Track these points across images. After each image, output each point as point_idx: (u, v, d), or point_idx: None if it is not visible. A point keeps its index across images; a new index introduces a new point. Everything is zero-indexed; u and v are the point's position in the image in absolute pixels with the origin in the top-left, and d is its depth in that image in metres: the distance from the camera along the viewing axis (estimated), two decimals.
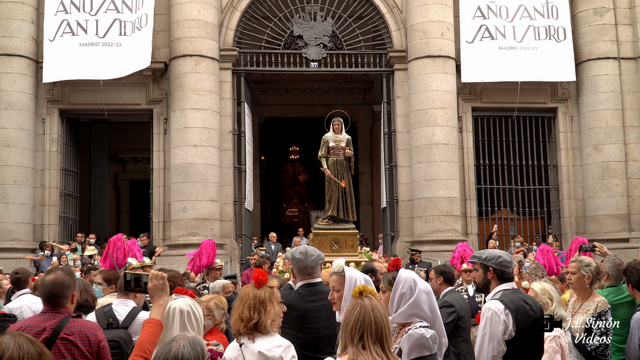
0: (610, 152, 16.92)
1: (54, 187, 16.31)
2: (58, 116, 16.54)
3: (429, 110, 16.34)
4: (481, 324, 4.25)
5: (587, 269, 5.50)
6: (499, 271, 4.37)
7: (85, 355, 3.78)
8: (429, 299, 3.90)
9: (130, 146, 22.56)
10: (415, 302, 3.84)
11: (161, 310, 3.54)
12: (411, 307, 3.83)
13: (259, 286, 3.71)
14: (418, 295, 3.85)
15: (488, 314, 4.19)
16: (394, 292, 3.89)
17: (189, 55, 15.99)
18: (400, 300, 3.86)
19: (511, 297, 4.25)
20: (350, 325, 2.96)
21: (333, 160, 12.31)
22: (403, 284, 3.88)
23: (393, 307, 3.85)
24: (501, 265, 4.37)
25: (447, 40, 16.63)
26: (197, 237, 14.72)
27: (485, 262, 4.41)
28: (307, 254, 4.71)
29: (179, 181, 15.76)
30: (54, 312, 3.88)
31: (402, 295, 3.85)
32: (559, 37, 17.09)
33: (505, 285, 4.36)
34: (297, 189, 33.39)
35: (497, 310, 4.15)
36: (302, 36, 17.06)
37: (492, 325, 4.14)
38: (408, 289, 3.87)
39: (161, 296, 3.59)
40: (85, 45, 15.83)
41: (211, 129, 16.01)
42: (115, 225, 22.87)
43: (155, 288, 3.59)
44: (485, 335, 4.18)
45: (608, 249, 7.50)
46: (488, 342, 4.15)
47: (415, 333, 3.74)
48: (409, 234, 16.58)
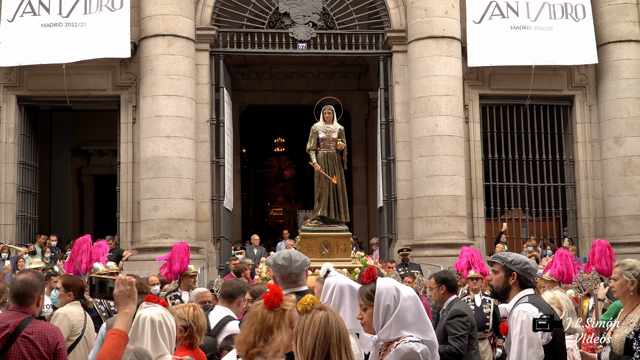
0: (632, 146, 16.98)
1: (10, 183, 16.22)
2: (15, 103, 16.46)
3: (432, 98, 16.35)
4: (515, 329, 4.34)
5: (630, 272, 5.13)
6: (522, 278, 4.51)
7: (42, 356, 4.34)
8: (415, 306, 3.79)
9: (95, 137, 22.48)
10: (400, 312, 3.73)
11: (127, 320, 3.54)
12: (398, 320, 3.73)
13: (270, 308, 3.58)
14: (402, 304, 3.74)
15: (524, 317, 4.31)
16: (377, 307, 3.76)
17: (161, 35, 15.92)
18: (385, 314, 3.75)
19: (540, 301, 4.45)
20: (311, 342, 2.94)
21: (323, 154, 12.27)
22: (385, 295, 3.75)
23: (378, 324, 3.76)
24: (526, 272, 4.52)
25: (451, 19, 16.64)
26: (170, 240, 14.67)
27: (510, 266, 4.53)
28: (292, 260, 4.69)
29: (149, 177, 15.71)
30: (19, 312, 4.49)
31: (387, 307, 3.74)
32: (577, 16, 17.12)
33: (529, 291, 4.51)
34: (282, 186, 33.40)
35: (533, 313, 4.29)
36: (289, 14, 17.01)
37: (530, 329, 4.26)
38: (392, 299, 3.74)
39: (127, 304, 3.58)
40: (47, 25, 15.79)
41: (186, 118, 15.97)
42: (78, 225, 22.83)
43: (121, 294, 3.58)
44: (523, 340, 4.28)
45: (629, 253, 7.43)
46: (527, 348, 4.26)
47: (404, 347, 3.65)
48: (408, 237, 16.59)
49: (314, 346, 2.94)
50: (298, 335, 3.02)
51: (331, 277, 4.32)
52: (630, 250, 15.75)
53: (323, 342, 2.94)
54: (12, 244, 15.44)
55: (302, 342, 2.99)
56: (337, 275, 4.40)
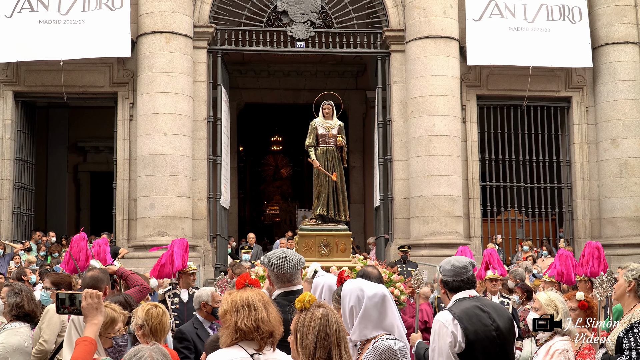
0: (629, 147, 17.03)
1: (6, 179, 16.21)
2: (12, 99, 16.45)
3: (429, 98, 16.37)
4: (431, 338, 4.32)
5: (630, 274, 5.18)
6: (450, 283, 4.47)
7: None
8: (382, 305, 3.78)
9: (92, 134, 22.46)
10: (366, 312, 3.74)
11: (95, 330, 3.68)
12: (365, 319, 3.74)
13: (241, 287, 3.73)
14: (366, 304, 3.75)
15: (436, 327, 4.27)
16: (343, 309, 3.80)
17: (159, 32, 15.92)
18: (352, 316, 3.77)
19: (466, 304, 4.31)
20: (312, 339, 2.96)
21: (322, 150, 12.10)
22: (349, 297, 3.78)
23: (348, 325, 3.76)
24: (446, 276, 4.47)
25: (450, 19, 16.66)
26: (167, 237, 14.65)
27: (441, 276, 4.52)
28: (286, 259, 4.68)
29: (146, 174, 15.71)
30: None
31: (352, 308, 3.77)
32: (574, 18, 17.17)
33: (461, 294, 4.43)
34: (279, 185, 33.41)
35: (445, 321, 4.22)
36: (287, 12, 17.01)
37: (441, 338, 4.21)
38: (355, 300, 3.76)
39: (96, 316, 3.71)
40: (45, 22, 15.79)
41: (183, 116, 15.97)
42: (74, 222, 22.81)
43: (89, 307, 3.70)
44: (434, 350, 4.25)
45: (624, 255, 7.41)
46: (437, 358, 4.21)
47: (381, 345, 3.66)
48: (404, 237, 16.60)
49: (315, 344, 2.96)
50: (298, 333, 3.03)
51: (319, 277, 4.32)
52: (625, 252, 15.80)
53: (325, 339, 2.95)
54: (7, 241, 15.43)
55: (302, 340, 3.00)
56: (324, 275, 4.40)
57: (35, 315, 5.76)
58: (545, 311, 5.29)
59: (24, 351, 5.57)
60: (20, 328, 5.61)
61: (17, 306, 5.62)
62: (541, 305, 5.34)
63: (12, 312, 5.65)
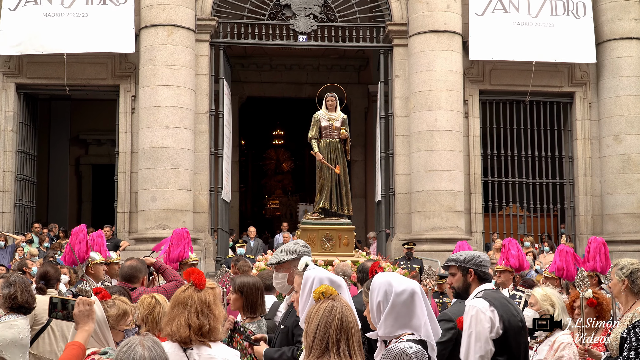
0: (632, 144, 16.98)
1: (8, 171, 16.21)
2: (14, 91, 16.45)
3: (432, 92, 16.34)
4: (465, 324, 4.41)
5: (621, 272, 5.16)
6: (479, 272, 4.63)
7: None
8: (411, 302, 3.59)
9: (94, 126, 22.42)
10: (393, 309, 3.57)
11: (86, 336, 3.70)
12: (390, 316, 3.57)
13: (201, 288, 3.74)
14: (394, 300, 3.57)
15: (472, 312, 4.39)
16: (371, 303, 3.65)
17: (161, 24, 15.88)
18: (379, 311, 3.61)
19: (494, 295, 4.51)
20: (313, 330, 3.00)
21: (326, 143, 12.00)
22: (377, 291, 3.62)
23: (375, 320, 3.65)
24: (481, 266, 4.64)
25: (453, 13, 16.61)
26: (168, 230, 14.60)
27: (464, 264, 4.65)
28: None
29: (147, 167, 15.69)
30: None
31: (379, 304, 3.60)
32: (578, 13, 17.11)
33: (487, 285, 4.62)
34: (280, 179, 33.41)
35: (482, 308, 4.38)
36: (290, 5, 16.96)
37: (478, 323, 4.34)
38: (383, 295, 3.59)
39: (87, 323, 3.73)
40: (48, 15, 15.80)
41: (185, 109, 15.94)
42: (76, 215, 22.81)
43: (80, 314, 3.72)
44: (471, 335, 4.35)
45: (626, 252, 7.37)
46: (475, 342, 4.33)
47: (395, 348, 3.45)
48: (406, 231, 16.59)
49: (314, 334, 3.00)
50: (306, 323, 3.09)
51: (310, 270, 4.29)
52: (627, 248, 15.77)
53: (323, 330, 2.99)
54: (9, 232, 15.44)
55: (306, 330, 3.07)
56: (315, 268, 4.37)
57: (30, 307, 5.64)
58: (541, 306, 5.33)
59: (19, 344, 5.50)
60: (15, 320, 5.54)
61: (10, 298, 5.54)
62: (537, 300, 5.38)
63: (5, 304, 5.58)
